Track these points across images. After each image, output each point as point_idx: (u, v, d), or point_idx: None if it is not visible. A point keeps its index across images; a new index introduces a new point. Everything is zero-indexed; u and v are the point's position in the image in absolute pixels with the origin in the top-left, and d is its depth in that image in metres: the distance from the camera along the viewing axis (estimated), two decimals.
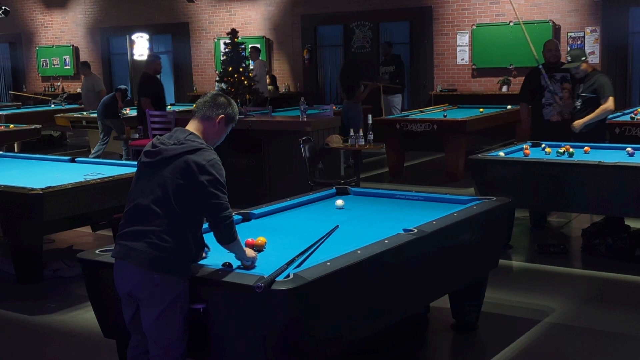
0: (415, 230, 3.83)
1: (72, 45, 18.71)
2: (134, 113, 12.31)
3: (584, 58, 7.10)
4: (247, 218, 4.45)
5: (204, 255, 3.47)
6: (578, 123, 7.00)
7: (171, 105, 14.62)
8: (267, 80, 13.99)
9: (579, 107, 7.08)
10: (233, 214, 3.33)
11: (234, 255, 3.40)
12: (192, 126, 3.38)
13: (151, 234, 3.15)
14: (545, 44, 7.77)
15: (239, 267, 3.35)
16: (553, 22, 12.68)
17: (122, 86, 12.26)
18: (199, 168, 3.17)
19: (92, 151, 11.75)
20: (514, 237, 6.59)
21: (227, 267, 3.30)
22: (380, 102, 12.19)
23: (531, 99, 7.68)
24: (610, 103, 6.95)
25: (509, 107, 11.02)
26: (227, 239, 3.28)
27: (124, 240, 3.23)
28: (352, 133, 8.40)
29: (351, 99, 10.47)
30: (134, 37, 17.54)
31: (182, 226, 3.19)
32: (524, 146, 6.80)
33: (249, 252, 3.40)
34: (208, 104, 3.40)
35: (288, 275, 3.06)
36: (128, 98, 12.48)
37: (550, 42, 7.85)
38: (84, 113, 13.02)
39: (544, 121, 7.47)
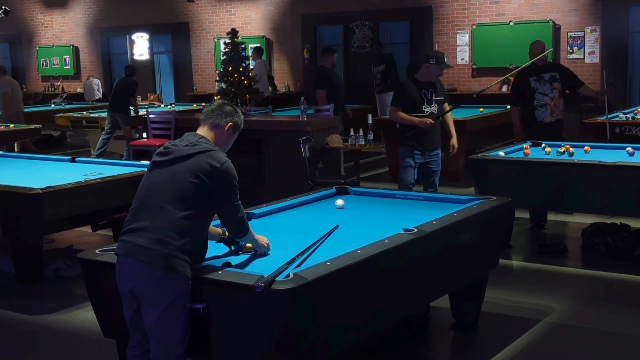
0: (415, 230, 3.83)
1: (72, 45, 18.72)
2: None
3: None
4: (247, 218, 4.45)
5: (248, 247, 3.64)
6: (455, 146, 6.98)
7: (171, 105, 14.63)
8: None
9: (435, 112, 6.78)
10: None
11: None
12: (202, 133, 3.45)
13: (157, 231, 3.16)
14: (531, 45, 7.40)
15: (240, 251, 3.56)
16: (553, 22, 12.68)
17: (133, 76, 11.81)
18: (213, 170, 3.25)
19: (96, 147, 11.50)
20: (514, 237, 6.59)
21: (227, 267, 3.31)
22: (375, 102, 12.20)
23: (522, 102, 7.54)
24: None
25: (508, 107, 10.96)
26: (242, 233, 3.51)
27: (128, 237, 3.23)
28: (352, 133, 8.40)
29: None
30: (134, 37, 17.56)
31: (189, 225, 3.20)
32: (524, 146, 6.79)
33: (260, 239, 3.61)
34: (216, 112, 3.47)
35: (288, 275, 3.06)
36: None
37: (536, 44, 7.41)
38: (84, 113, 13.01)
39: (536, 122, 7.35)
